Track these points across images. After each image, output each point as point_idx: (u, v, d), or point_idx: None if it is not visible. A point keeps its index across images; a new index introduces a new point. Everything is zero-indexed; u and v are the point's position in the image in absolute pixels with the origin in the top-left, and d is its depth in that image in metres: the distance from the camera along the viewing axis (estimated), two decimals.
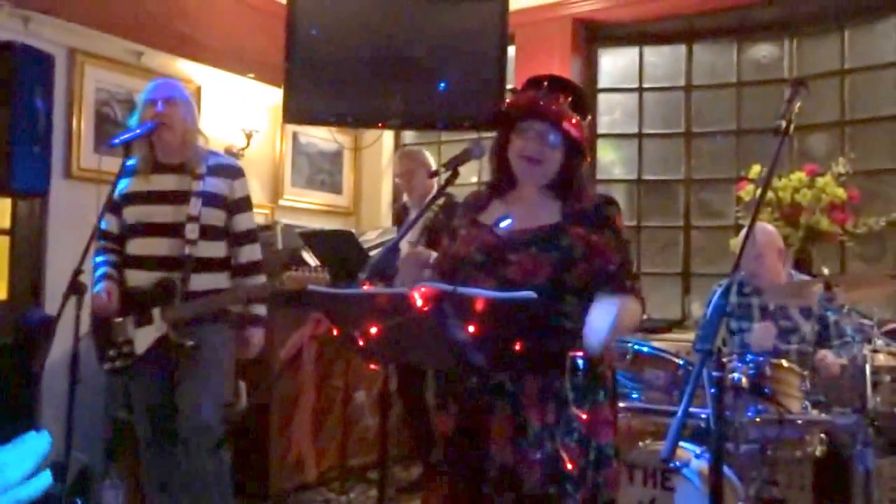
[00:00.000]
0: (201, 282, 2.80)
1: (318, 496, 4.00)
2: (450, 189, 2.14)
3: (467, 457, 1.87)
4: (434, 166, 4.14)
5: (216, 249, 2.86)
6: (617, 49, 5.44)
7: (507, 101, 2.04)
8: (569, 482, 1.79)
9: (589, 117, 2.02)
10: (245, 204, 2.94)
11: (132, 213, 2.83)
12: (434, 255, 2.01)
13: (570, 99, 1.95)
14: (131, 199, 2.83)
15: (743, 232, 3.56)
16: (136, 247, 2.83)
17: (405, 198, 4.29)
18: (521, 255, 1.85)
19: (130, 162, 2.81)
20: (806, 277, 3.36)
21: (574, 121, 1.92)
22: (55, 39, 3.89)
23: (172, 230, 2.78)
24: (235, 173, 2.93)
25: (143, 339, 2.77)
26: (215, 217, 2.84)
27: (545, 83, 1.98)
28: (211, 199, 2.82)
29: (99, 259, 2.87)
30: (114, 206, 2.82)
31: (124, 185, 2.83)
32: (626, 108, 5.42)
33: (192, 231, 2.77)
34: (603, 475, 1.85)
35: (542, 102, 1.94)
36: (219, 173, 2.87)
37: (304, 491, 3.99)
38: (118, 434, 3.65)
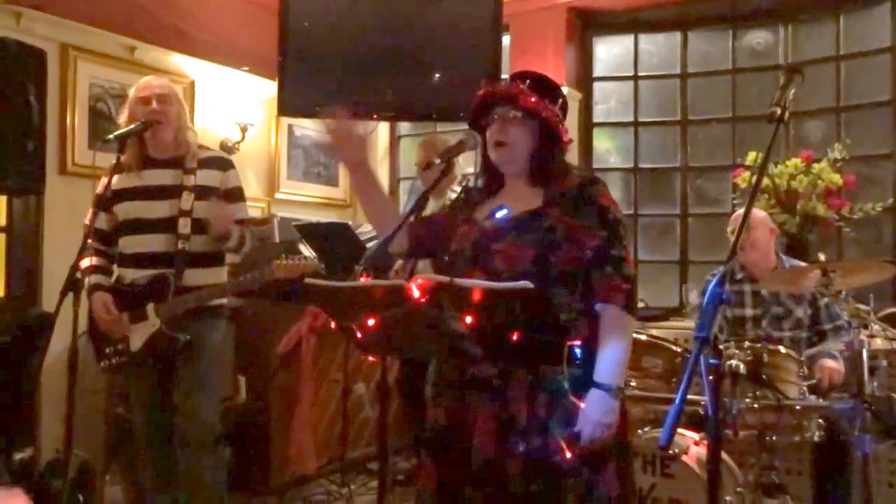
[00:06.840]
0: (194, 277, 2.80)
1: (319, 488, 4.01)
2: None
3: (453, 450, 1.85)
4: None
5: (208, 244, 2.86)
6: (611, 37, 5.43)
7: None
8: (557, 476, 1.75)
9: (561, 100, 1.98)
10: (237, 193, 2.92)
11: (125, 210, 2.82)
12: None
13: (527, 83, 1.95)
14: (124, 195, 2.82)
15: (734, 216, 3.57)
16: (129, 244, 2.83)
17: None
18: (503, 243, 1.85)
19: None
20: (798, 263, 3.36)
21: (533, 99, 1.91)
22: (47, 35, 3.87)
23: (166, 225, 2.78)
24: (226, 165, 2.93)
25: (138, 336, 2.77)
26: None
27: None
28: (204, 192, 2.82)
29: (86, 265, 2.82)
30: (105, 203, 2.81)
31: (114, 181, 2.80)
32: (622, 97, 5.41)
33: (184, 226, 2.77)
34: (601, 474, 1.79)
35: (495, 89, 1.97)
36: (210, 166, 2.87)
37: (305, 484, 4.00)
38: (118, 431, 3.65)
